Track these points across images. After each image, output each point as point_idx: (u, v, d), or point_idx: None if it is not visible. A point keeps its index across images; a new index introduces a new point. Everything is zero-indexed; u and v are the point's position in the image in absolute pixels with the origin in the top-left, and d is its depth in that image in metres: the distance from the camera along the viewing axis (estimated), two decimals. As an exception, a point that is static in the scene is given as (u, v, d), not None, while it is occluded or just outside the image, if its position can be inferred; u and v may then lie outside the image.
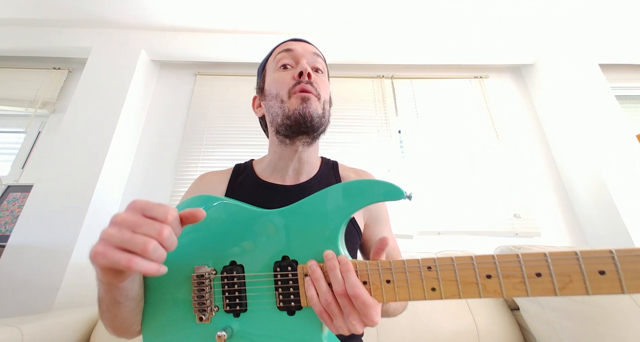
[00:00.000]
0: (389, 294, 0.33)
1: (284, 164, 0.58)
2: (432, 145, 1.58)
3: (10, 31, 1.60)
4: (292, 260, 0.39)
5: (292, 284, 0.38)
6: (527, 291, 0.29)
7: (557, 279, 0.28)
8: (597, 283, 0.27)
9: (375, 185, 0.39)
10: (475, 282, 0.30)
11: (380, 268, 0.34)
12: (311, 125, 0.52)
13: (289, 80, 0.54)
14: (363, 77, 1.76)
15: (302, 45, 0.59)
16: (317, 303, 0.34)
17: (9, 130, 1.58)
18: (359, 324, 0.32)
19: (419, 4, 1.53)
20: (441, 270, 0.32)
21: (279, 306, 0.38)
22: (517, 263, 0.30)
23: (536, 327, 0.87)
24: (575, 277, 0.28)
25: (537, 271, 0.29)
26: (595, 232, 1.37)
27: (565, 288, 0.28)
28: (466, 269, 0.31)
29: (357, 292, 0.32)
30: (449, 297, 0.31)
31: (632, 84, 1.79)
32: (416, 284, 0.32)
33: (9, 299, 1.07)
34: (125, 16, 1.59)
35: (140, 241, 0.28)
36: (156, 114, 1.65)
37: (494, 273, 0.30)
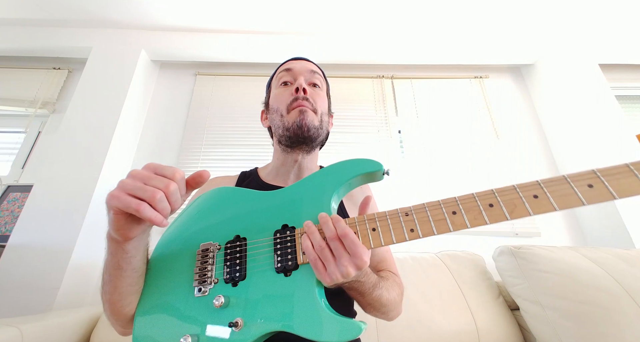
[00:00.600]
0: (375, 239, 0.38)
1: (285, 169, 0.65)
2: (432, 146, 1.57)
3: (10, 31, 1.60)
4: (290, 227, 0.43)
5: (290, 245, 0.41)
6: (485, 219, 0.35)
7: (505, 207, 0.35)
8: (535, 204, 0.34)
9: (357, 161, 0.46)
10: (444, 218, 0.37)
11: (367, 219, 0.40)
12: (308, 135, 0.59)
13: (288, 97, 0.61)
14: (363, 77, 1.76)
15: (301, 64, 0.66)
16: (312, 251, 0.37)
17: (9, 130, 1.58)
18: (350, 265, 0.36)
19: (419, 4, 1.53)
20: (416, 213, 0.38)
21: (276, 267, 0.40)
22: (473, 199, 0.37)
23: (536, 327, 0.87)
24: (518, 203, 0.35)
25: (490, 202, 0.36)
26: (595, 232, 1.37)
27: (513, 212, 0.34)
28: (436, 210, 0.37)
29: (346, 232, 0.36)
30: (425, 234, 0.37)
31: (632, 84, 1.79)
32: (397, 228, 0.38)
33: (9, 299, 1.07)
34: (125, 16, 1.59)
35: (149, 190, 0.34)
36: (156, 114, 1.65)
37: (458, 209, 0.37)
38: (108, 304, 0.43)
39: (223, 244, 0.45)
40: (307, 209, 0.44)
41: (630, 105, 1.77)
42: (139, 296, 0.44)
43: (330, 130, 0.70)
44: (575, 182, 0.33)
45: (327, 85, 0.70)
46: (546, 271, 0.88)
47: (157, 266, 0.46)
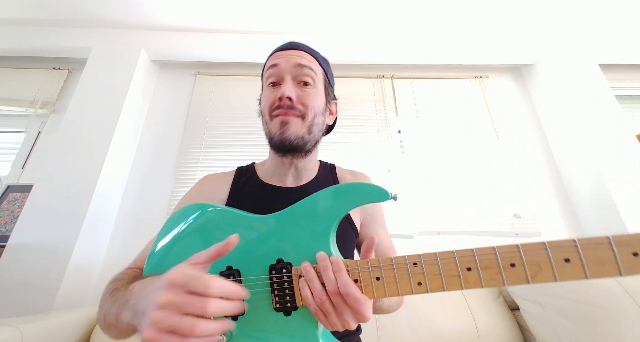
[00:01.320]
0: (379, 290, 0.35)
1: (282, 171, 0.61)
2: (432, 146, 1.57)
3: (10, 31, 1.60)
4: (286, 262, 0.41)
5: (288, 286, 0.39)
6: (503, 281, 0.31)
7: (528, 268, 0.31)
8: (564, 270, 0.30)
9: (361, 187, 0.42)
10: (457, 275, 0.33)
11: (370, 266, 0.36)
12: (291, 147, 0.55)
13: (272, 102, 0.56)
14: (363, 77, 1.76)
15: (288, 58, 0.58)
16: (312, 302, 0.36)
17: (9, 130, 1.58)
18: (352, 320, 0.34)
19: (419, 4, 1.53)
20: (426, 265, 0.34)
21: (275, 307, 0.39)
22: (494, 255, 0.33)
23: (536, 327, 0.87)
24: (545, 265, 0.31)
25: (512, 261, 0.32)
26: (595, 232, 1.37)
27: (537, 276, 0.30)
28: (448, 263, 0.34)
29: (348, 290, 0.34)
30: (434, 290, 0.33)
31: (632, 84, 1.79)
32: (404, 280, 0.35)
33: (9, 299, 1.07)
34: (125, 16, 1.59)
35: (187, 325, 0.28)
36: (156, 114, 1.65)
37: (474, 266, 0.33)
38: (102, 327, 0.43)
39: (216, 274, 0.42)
40: (304, 242, 0.41)
41: (630, 105, 1.77)
42: None
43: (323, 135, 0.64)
44: (619, 249, 0.29)
45: (324, 72, 0.62)
46: (546, 271, 0.88)
47: None
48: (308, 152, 0.59)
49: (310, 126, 0.56)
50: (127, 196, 1.44)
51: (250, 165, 0.70)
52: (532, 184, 1.52)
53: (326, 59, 0.65)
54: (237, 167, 0.69)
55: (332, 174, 0.67)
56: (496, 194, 1.47)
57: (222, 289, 0.31)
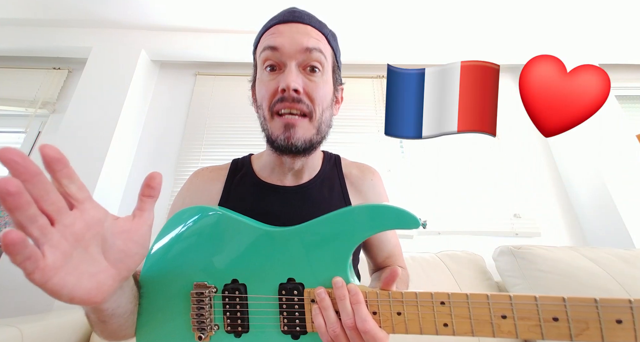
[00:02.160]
0: (399, 326, 0.32)
1: (280, 170, 0.54)
2: (432, 146, 1.57)
3: (10, 31, 1.60)
4: (298, 283, 0.37)
5: (298, 309, 0.36)
6: (542, 334, 0.28)
7: (573, 325, 0.28)
8: (613, 332, 0.27)
9: (390, 212, 0.37)
10: (490, 321, 0.30)
11: (391, 299, 0.33)
12: (297, 151, 0.46)
13: (273, 94, 0.46)
14: (363, 77, 1.76)
15: (292, 36, 0.46)
16: (325, 333, 0.33)
17: (9, 130, 1.58)
18: None
19: (419, 4, 1.53)
20: (455, 306, 0.31)
21: (283, 329, 0.37)
22: (534, 306, 0.29)
23: (536, 327, 0.87)
24: (593, 324, 0.27)
25: (555, 315, 0.28)
26: (595, 232, 1.37)
27: (582, 334, 0.28)
28: (481, 308, 0.30)
29: (367, 328, 0.31)
30: (461, 334, 0.30)
31: (632, 84, 1.79)
32: (428, 319, 0.32)
33: (9, 299, 1.07)
34: (125, 16, 1.59)
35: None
36: (156, 114, 1.65)
37: (510, 314, 0.29)
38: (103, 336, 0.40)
39: (219, 287, 0.40)
40: (319, 263, 0.37)
41: (630, 105, 1.77)
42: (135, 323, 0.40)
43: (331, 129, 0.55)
44: None
45: (333, 52, 0.52)
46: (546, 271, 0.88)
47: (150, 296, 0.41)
48: (314, 150, 0.51)
49: (319, 126, 0.48)
50: (127, 196, 1.44)
51: (246, 157, 0.63)
52: (532, 184, 1.52)
53: (334, 34, 0.55)
54: (232, 160, 0.62)
55: (337, 168, 0.61)
56: (496, 194, 1.47)
57: None
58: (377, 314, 0.33)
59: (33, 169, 0.23)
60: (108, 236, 0.28)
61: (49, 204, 0.24)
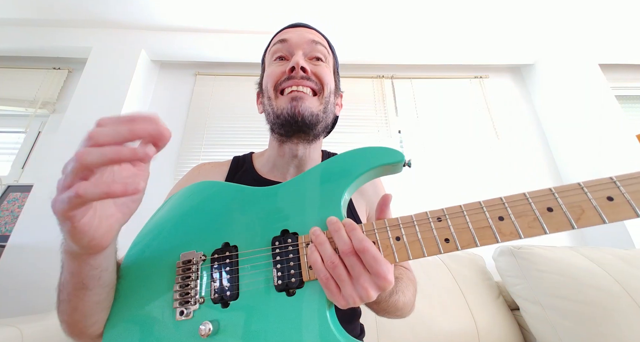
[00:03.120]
0: (400, 252, 0.30)
1: (283, 162, 0.54)
2: (432, 146, 1.57)
3: (10, 31, 1.60)
4: (292, 233, 0.35)
5: (293, 257, 0.34)
6: (543, 228, 0.28)
7: (569, 211, 0.27)
8: (610, 209, 0.26)
9: (373, 150, 0.37)
10: (489, 225, 0.29)
11: (388, 226, 0.32)
12: (303, 123, 0.47)
13: (279, 75, 0.49)
14: (363, 77, 1.76)
15: (300, 33, 0.52)
16: (322, 268, 0.30)
17: (9, 130, 1.58)
18: (371, 287, 0.29)
19: (419, 4, 1.53)
20: (451, 218, 0.30)
21: (276, 284, 0.33)
22: (526, 201, 0.29)
23: (536, 327, 0.87)
24: (586, 206, 0.27)
25: (548, 206, 0.28)
26: (595, 232, 1.37)
27: (581, 219, 0.27)
28: (477, 214, 0.30)
29: (365, 246, 0.29)
30: (465, 246, 0.29)
31: (632, 84, 1.79)
32: (428, 237, 0.30)
33: (9, 299, 1.07)
34: (125, 16, 1.59)
35: (112, 152, 0.25)
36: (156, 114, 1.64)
37: (505, 214, 0.29)
38: (67, 325, 0.35)
39: (209, 254, 0.37)
40: (312, 210, 0.36)
41: (630, 105, 1.77)
42: (108, 313, 0.36)
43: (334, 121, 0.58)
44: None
45: (334, 59, 0.57)
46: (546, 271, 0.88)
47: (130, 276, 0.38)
48: (316, 137, 0.52)
49: (326, 105, 0.49)
50: (127, 196, 1.44)
51: (247, 155, 0.63)
52: (532, 184, 1.52)
53: (334, 48, 0.60)
54: (233, 157, 0.63)
55: None
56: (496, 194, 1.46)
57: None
58: (375, 244, 0.31)
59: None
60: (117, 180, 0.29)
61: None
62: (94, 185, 0.24)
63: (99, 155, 0.24)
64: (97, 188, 0.24)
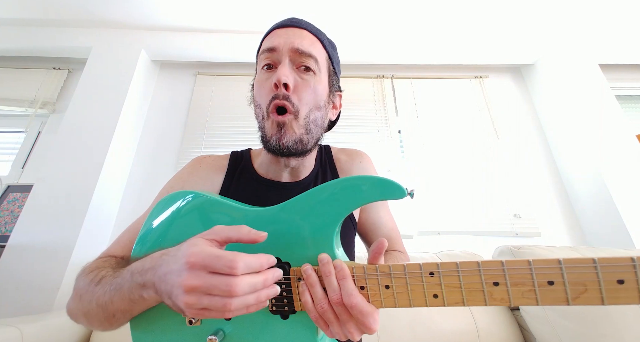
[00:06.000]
0: (387, 299, 0.32)
1: (277, 168, 0.55)
2: (432, 145, 1.57)
3: (10, 31, 1.60)
4: (284, 262, 0.37)
5: (285, 288, 0.36)
6: (537, 299, 0.27)
7: (570, 288, 0.26)
8: (615, 293, 0.25)
9: (373, 182, 0.36)
10: (481, 289, 0.29)
11: (379, 273, 0.32)
12: (289, 153, 0.48)
13: (268, 92, 0.48)
14: (363, 77, 1.76)
15: (287, 37, 0.49)
16: (313, 309, 0.33)
17: (9, 130, 1.58)
18: (356, 332, 0.31)
19: (419, 4, 1.53)
20: (444, 276, 0.30)
21: (271, 310, 0.36)
22: (528, 270, 0.28)
23: (536, 327, 0.87)
24: (591, 286, 0.26)
25: (550, 279, 0.27)
26: (595, 232, 1.37)
27: (579, 298, 0.26)
28: (471, 276, 0.29)
29: (353, 302, 0.30)
30: (452, 304, 0.29)
31: (632, 84, 1.79)
32: (417, 290, 0.31)
33: (9, 299, 1.07)
34: (125, 16, 1.59)
35: (219, 305, 0.28)
36: (156, 114, 1.65)
37: (502, 280, 0.28)
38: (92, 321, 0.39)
39: None
40: (305, 241, 0.37)
41: (630, 105, 1.77)
42: None
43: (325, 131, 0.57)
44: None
45: (329, 58, 0.54)
46: (546, 271, 0.88)
47: None
48: (308, 152, 0.52)
49: (306, 124, 0.48)
50: (127, 196, 1.44)
51: (246, 152, 0.63)
52: (532, 184, 1.52)
53: (332, 43, 0.57)
54: (231, 152, 0.62)
55: (328, 157, 0.62)
56: (496, 194, 1.47)
57: (250, 265, 0.29)
58: (364, 289, 0.32)
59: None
60: None
61: None
62: (244, 307, 0.29)
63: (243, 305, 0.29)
64: (243, 310, 0.29)
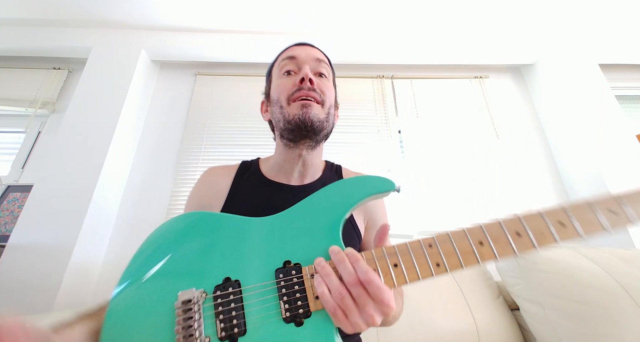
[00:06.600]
0: (399, 277, 0.34)
1: (288, 166, 0.59)
2: (432, 145, 1.57)
3: (10, 31, 1.60)
4: (295, 264, 0.36)
5: (298, 289, 0.35)
6: (514, 250, 0.33)
7: (534, 236, 0.33)
8: (562, 232, 0.33)
9: (367, 179, 0.41)
10: (472, 251, 0.34)
11: (386, 254, 0.35)
12: (312, 128, 0.53)
13: (291, 87, 0.55)
14: (363, 77, 1.76)
15: (306, 51, 0.60)
16: (330, 299, 0.32)
17: (9, 130, 1.58)
18: (376, 313, 0.32)
19: (419, 4, 1.53)
20: (441, 245, 0.35)
21: (285, 317, 0.34)
22: (500, 227, 0.35)
23: (536, 327, 0.87)
24: (546, 231, 0.33)
25: (517, 230, 0.34)
26: (595, 232, 1.37)
27: (541, 241, 0.33)
28: (462, 240, 0.35)
29: (370, 277, 0.32)
30: (453, 268, 0.33)
31: (632, 84, 1.79)
32: (421, 262, 0.34)
33: (9, 299, 1.07)
34: (125, 16, 1.58)
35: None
36: (156, 114, 1.65)
37: (485, 240, 0.34)
38: None
39: (210, 290, 0.36)
40: (312, 240, 0.38)
41: (630, 105, 1.77)
42: None
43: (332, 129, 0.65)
44: (599, 209, 0.34)
45: (333, 75, 0.66)
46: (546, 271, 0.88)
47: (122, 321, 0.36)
48: (318, 143, 0.58)
49: (327, 113, 0.57)
50: (127, 196, 1.44)
51: (254, 160, 0.68)
52: (532, 184, 1.52)
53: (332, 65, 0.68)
54: (241, 161, 0.67)
55: (338, 175, 0.66)
56: (496, 194, 1.46)
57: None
58: (376, 271, 0.34)
59: None
60: None
61: None
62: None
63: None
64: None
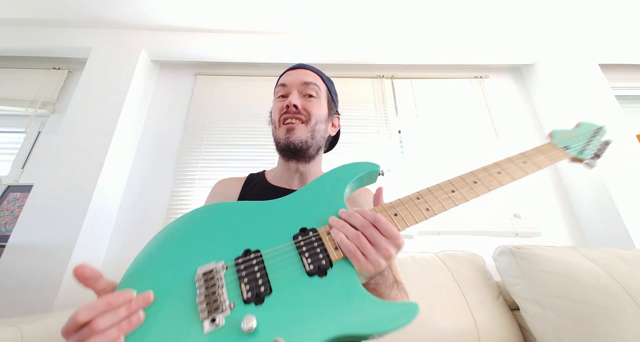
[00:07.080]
0: (400, 223, 0.42)
1: (288, 175, 0.68)
2: (432, 145, 1.57)
3: (10, 31, 1.60)
4: (310, 229, 0.42)
5: (317, 245, 0.39)
6: (476, 192, 0.46)
7: (485, 182, 0.49)
8: (499, 178, 0.50)
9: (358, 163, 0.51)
10: (448, 197, 0.45)
11: (386, 208, 0.44)
12: (295, 150, 0.62)
13: (279, 110, 0.65)
14: (363, 77, 1.76)
15: (295, 75, 0.67)
16: (348, 242, 0.37)
17: (9, 130, 1.58)
18: (390, 246, 0.37)
19: (419, 4, 1.53)
20: (425, 196, 0.45)
21: (309, 270, 0.37)
22: (460, 179, 0.48)
23: (536, 327, 0.87)
24: (491, 178, 0.50)
25: (474, 180, 0.48)
26: (595, 232, 1.37)
27: (491, 185, 0.48)
28: (439, 190, 0.46)
29: (378, 217, 0.38)
30: (439, 211, 0.43)
31: (632, 84, 1.79)
32: (415, 211, 0.43)
33: (9, 299, 1.07)
34: (125, 16, 1.59)
35: None
36: (156, 114, 1.65)
37: (454, 188, 0.46)
38: None
39: (230, 261, 0.38)
40: (322, 209, 0.44)
41: (630, 105, 1.77)
42: None
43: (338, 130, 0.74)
44: (515, 160, 0.57)
45: (327, 88, 0.71)
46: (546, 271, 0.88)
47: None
48: (311, 158, 0.66)
49: (312, 131, 0.64)
50: (127, 196, 1.44)
51: (261, 172, 0.77)
52: (532, 184, 1.52)
53: (330, 79, 0.74)
54: (249, 174, 0.76)
55: None
56: (496, 194, 1.46)
57: (96, 308, 0.31)
58: None
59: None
60: None
61: None
62: None
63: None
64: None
